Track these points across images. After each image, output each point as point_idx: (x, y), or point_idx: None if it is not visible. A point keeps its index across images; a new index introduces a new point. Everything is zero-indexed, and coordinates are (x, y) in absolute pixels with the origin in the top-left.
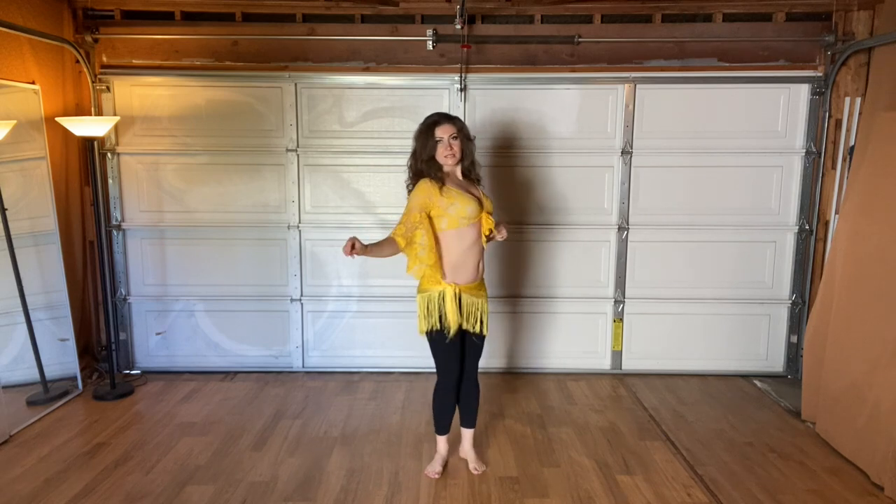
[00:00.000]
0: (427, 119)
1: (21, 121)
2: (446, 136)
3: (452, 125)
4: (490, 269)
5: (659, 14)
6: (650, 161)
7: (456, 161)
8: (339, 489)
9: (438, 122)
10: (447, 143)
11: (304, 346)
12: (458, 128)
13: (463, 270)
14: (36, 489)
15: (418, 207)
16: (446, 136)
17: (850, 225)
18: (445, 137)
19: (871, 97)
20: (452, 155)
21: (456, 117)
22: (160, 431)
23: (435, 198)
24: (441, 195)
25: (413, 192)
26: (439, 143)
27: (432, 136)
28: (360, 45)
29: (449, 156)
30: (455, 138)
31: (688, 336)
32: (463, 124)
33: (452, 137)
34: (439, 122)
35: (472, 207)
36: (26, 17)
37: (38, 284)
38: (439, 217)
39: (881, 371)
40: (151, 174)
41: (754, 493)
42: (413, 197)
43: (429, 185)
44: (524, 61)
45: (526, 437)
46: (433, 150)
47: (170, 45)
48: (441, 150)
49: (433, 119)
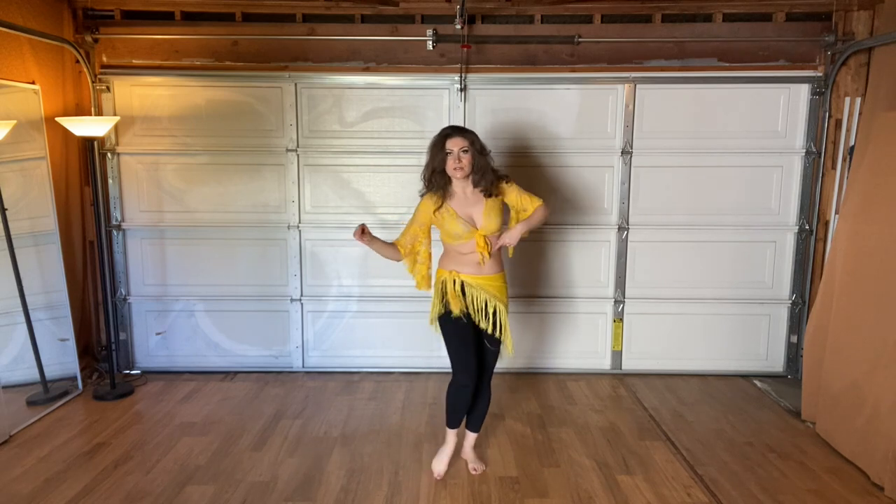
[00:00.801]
0: (441, 131)
1: (21, 121)
2: (456, 149)
3: (464, 138)
4: None
5: (659, 14)
6: (650, 161)
7: (465, 174)
8: (339, 489)
9: (451, 134)
10: (457, 155)
11: (304, 346)
12: (469, 141)
13: (463, 264)
14: (36, 489)
15: (418, 222)
16: (456, 149)
17: (850, 225)
18: (455, 150)
19: (871, 97)
20: (461, 168)
21: (469, 130)
22: (160, 431)
23: (431, 216)
24: (434, 214)
25: (417, 207)
26: (449, 155)
27: (443, 148)
28: (360, 45)
29: (458, 169)
30: (465, 151)
31: (688, 336)
32: (476, 137)
33: (463, 150)
34: (451, 134)
35: (461, 230)
36: (26, 17)
37: (38, 284)
38: (437, 229)
39: (881, 371)
40: (151, 174)
41: (754, 493)
42: (416, 211)
43: (429, 202)
44: (524, 61)
45: (526, 437)
46: (443, 163)
47: (170, 45)
48: (450, 163)
49: (446, 132)
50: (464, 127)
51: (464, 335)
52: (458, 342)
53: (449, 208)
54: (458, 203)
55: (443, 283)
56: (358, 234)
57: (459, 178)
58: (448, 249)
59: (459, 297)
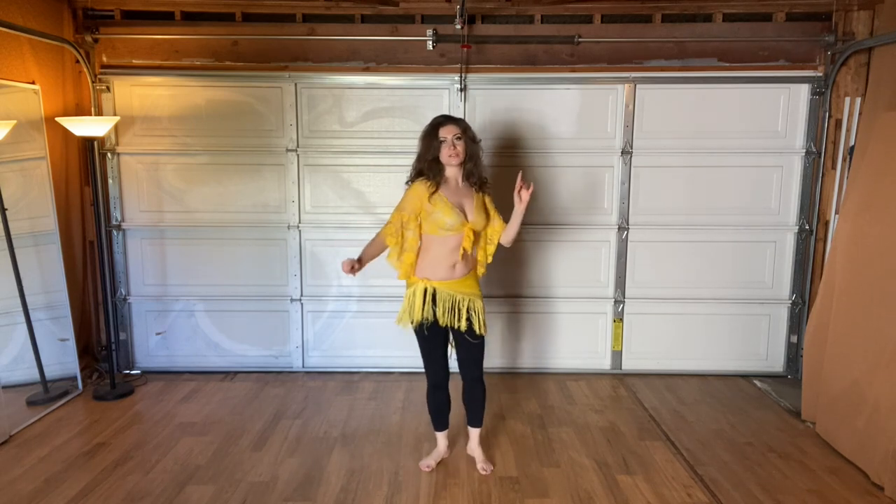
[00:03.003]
0: (432, 121)
1: (21, 121)
2: (450, 137)
3: (457, 126)
4: (491, 268)
5: (659, 14)
6: (650, 161)
7: (459, 161)
8: (339, 489)
9: (443, 123)
10: (451, 143)
11: (304, 346)
12: (462, 129)
13: (437, 268)
14: (36, 489)
15: (408, 210)
16: (450, 137)
17: (850, 225)
18: (449, 138)
19: (871, 97)
20: (456, 155)
21: (461, 119)
22: (160, 431)
23: (424, 202)
24: (428, 201)
25: (406, 193)
26: (443, 143)
27: (436, 136)
28: (360, 45)
29: (453, 156)
30: (459, 139)
31: (688, 336)
32: (468, 126)
33: (456, 138)
34: (443, 123)
35: (452, 220)
36: (26, 17)
37: (38, 284)
38: (424, 220)
39: (881, 371)
40: (151, 174)
41: (754, 493)
42: (405, 198)
43: (421, 188)
44: (524, 61)
45: (526, 437)
46: (437, 151)
47: (170, 45)
48: (445, 151)
49: (438, 120)
50: (455, 116)
51: (430, 340)
52: (427, 349)
53: (442, 196)
54: (451, 193)
55: (413, 292)
56: (348, 270)
57: (454, 164)
58: (425, 248)
59: (429, 306)
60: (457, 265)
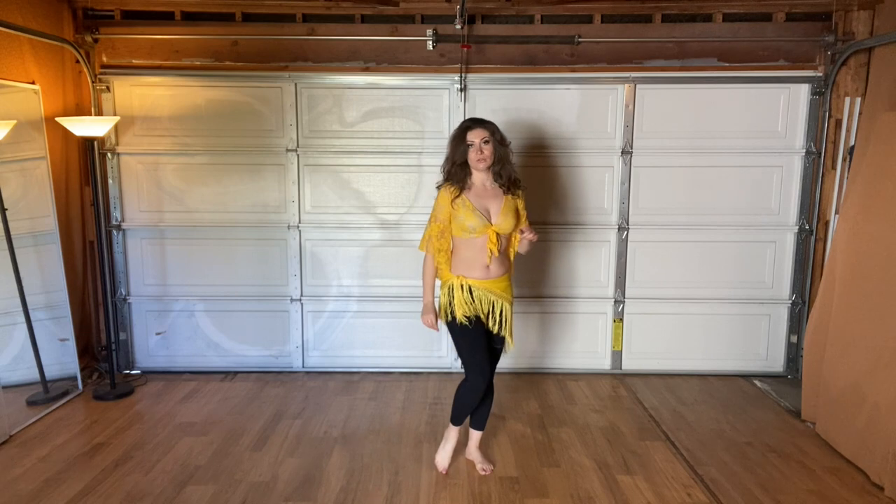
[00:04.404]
0: (461, 124)
1: (21, 121)
2: (478, 140)
3: (484, 129)
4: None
5: (659, 14)
6: (650, 161)
7: (487, 165)
8: (339, 489)
9: (471, 126)
10: (478, 146)
11: (304, 346)
12: (490, 132)
13: (471, 267)
14: (36, 489)
15: (443, 218)
16: (478, 140)
17: (850, 225)
18: (477, 142)
19: (871, 97)
20: (483, 159)
21: (490, 122)
22: (160, 431)
23: (449, 207)
24: (452, 206)
25: (435, 202)
26: (470, 147)
27: (464, 140)
28: (360, 45)
29: (480, 160)
30: (487, 142)
31: (688, 336)
32: (496, 128)
33: (484, 142)
34: (472, 126)
35: (474, 224)
36: (26, 17)
37: (38, 284)
38: (452, 223)
39: (881, 371)
40: (151, 174)
41: (754, 493)
42: (436, 207)
43: (446, 194)
44: (524, 61)
45: (526, 437)
46: (464, 155)
47: (170, 45)
48: (472, 155)
49: (466, 124)
50: (484, 119)
51: (475, 338)
52: (472, 346)
53: (465, 200)
54: (476, 195)
55: (450, 288)
56: (433, 324)
57: (482, 169)
58: (456, 249)
59: (468, 303)
60: (491, 265)
